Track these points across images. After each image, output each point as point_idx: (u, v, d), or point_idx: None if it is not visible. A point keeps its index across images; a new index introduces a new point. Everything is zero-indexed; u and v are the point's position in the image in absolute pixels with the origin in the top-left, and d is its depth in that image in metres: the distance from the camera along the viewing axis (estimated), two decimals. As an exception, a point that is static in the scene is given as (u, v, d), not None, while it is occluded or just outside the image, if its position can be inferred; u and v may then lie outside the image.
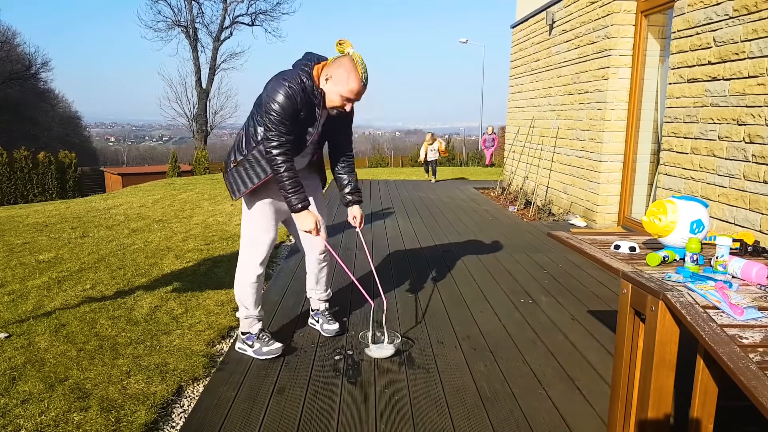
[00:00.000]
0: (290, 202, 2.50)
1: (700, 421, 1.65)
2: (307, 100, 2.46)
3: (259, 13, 27.53)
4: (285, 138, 2.43)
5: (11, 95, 34.76)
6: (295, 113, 2.43)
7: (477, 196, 9.09)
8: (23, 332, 3.05)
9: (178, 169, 20.25)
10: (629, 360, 1.90)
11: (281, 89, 2.38)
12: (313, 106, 2.51)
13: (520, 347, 2.93)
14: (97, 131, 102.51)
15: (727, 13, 3.93)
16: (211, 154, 25.61)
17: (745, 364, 1.19)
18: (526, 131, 8.67)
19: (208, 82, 26.92)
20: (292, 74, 2.44)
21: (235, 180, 2.62)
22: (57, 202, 9.76)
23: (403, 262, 4.66)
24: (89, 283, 3.99)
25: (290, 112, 2.40)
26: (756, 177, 3.64)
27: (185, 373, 2.60)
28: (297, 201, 2.49)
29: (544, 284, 4.06)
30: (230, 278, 4.13)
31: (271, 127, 2.41)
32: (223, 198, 8.81)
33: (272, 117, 2.39)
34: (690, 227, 1.92)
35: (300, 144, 2.58)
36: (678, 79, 4.53)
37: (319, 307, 3.10)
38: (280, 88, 2.38)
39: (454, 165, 23.15)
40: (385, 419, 2.21)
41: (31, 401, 2.31)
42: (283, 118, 2.39)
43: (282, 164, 2.44)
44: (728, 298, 1.54)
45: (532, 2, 8.42)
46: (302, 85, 2.42)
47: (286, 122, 2.40)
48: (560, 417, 2.24)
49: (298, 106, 2.43)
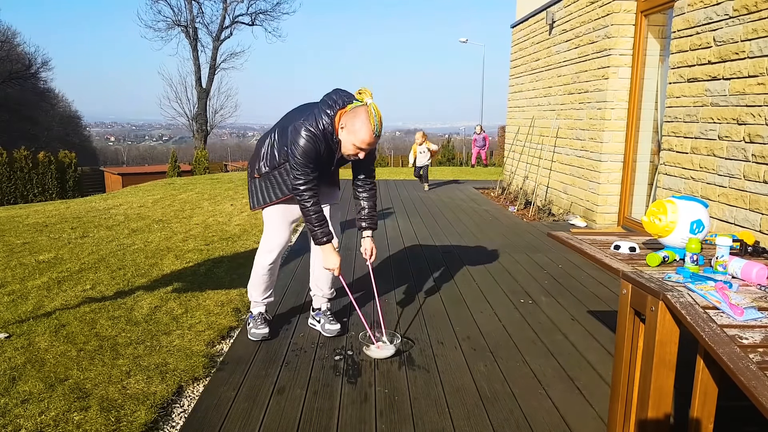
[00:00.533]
0: (316, 235, 2.69)
1: (700, 422, 1.65)
2: (327, 144, 2.63)
3: (259, 13, 27.53)
4: (311, 176, 2.62)
5: (11, 95, 34.77)
6: (317, 155, 2.62)
7: (477, 196, 9.09)
8: (23, 332, 3.05)
9: (178, 168, 20.26)
10: (629, 360, 1.90)
11: (305, 135, 2.55)
12: (332, 150, 2.68)
13: (520, 347, 2.93)
14: (97, 131, 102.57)
15: (727, 13, 3.93)
16: (211, 153, 25.65)
17: (745, 365, 1.19)
18: (526, 131, 8.67)
19: (208, 82, 26.91)
20: (315, 118, 2.59)
21: (257, 193, 2.87)
22: (57, 202, 9.76)
23: (403, 262, 4.66)
24: (89, 284, 3.99)
25: (313, 156, 2.59)
26: (756, 177, 3.64)
27: (185, 373, 2.60)
28: (322, 235, 2.68)
29: (544, 284, 4.06)
30: (230, 278, 4.14)
31: (297, 168, 2.60)
32: (223, 198, 8.82)
33: (297, 160, 2.58)
34: (690, 227, 1.92)
35: (321, 177, 2.76)
36: (678, 78, 4.53)
37: (321, 307, 3.12)
38: (303, 134, 2.55)
39: (454, 165, 23.14)
40: (385, 419, 2.21)
41: (31, 401, 2.31)
42: (307, 161, 2.58)
43: (309, 200, 2.63)
44: (728, 299, 1.54)
45: (532, 2, 8.42)
46: (323, 131, 2.59)
47: (309, 164, 2.60)
48: (560, 417, 2.24)
49: (320, 149, 2.61)
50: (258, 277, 2.99)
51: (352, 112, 2.54)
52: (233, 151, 51.05)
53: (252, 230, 5.96)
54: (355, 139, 2.53)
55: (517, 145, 9.07)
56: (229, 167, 26.48)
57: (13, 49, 35.56)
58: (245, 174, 14.24)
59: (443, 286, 3.98)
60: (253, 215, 6.96)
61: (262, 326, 2.97)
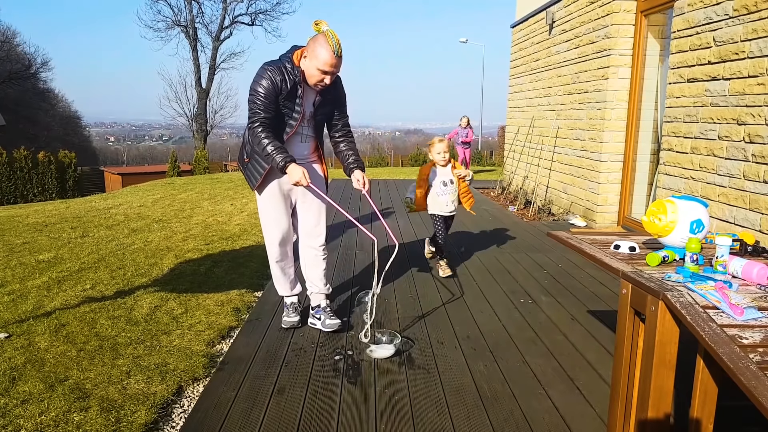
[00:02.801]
0: (275, 161, 2.68)
1: (700, 421, 1.65)
2: (288, 80, 2.68)
3: (258, 13, 27.56)
4: (264, 115, 2.68)
5: (11, 95, 34.75)
6: (275, 93, 2.67)
7: (477, 196, 9.09)
8: (23, 332, 3.05)
9: (177, 168, 20.23)
10: (629, 360, 1.90)
11: (260, 72, 2.67)
12: (295, 85, 2.71)
13: (520, 347, 2.93)
14: (97, 131, 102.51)
15: (727, 13, 3.93)
16: (210, 153, 25.62)
17: (745, 364, 1.19)
18: (526, 131, 8.67)
19: (208, 82, 26.92)
20: (273, 61, 2.72)
21: (250, 175, 2.94)
22: (57, 202, 9.76)
23: (403, 262, 4.66)
24: (89, 283, 3.99)
25: (270, 92, 2.65)
26: (756, 177, 3.64)
27: (185, 373, 2.60)
28: (281, 159, 2.67)
29: (544, 284, 4.06)
30: (230, 278, 4.14)
31: (252, 108, 2.68)
32: (223, 198, 8.81)
33: (253, 97, 2.67)
34: (690, 227, 1.92)
35: (289, 120, 2.81)
36: (678, 78, 4.53)
37: (320, 303, 3.13)
38: (259, 71, 2.67)
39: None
40: (385, 419, 2.21)
41: (31, 401, 2.31)
42: (264, 97, 2.65)
43: (261, 133, 2.68)
44: (728, 298, 1.54)
45: (532, 2, 8.42)
46: (282, 67, 2.67)
47: (266, 101, 2.66)
48: (560, 417, 2.24)
49: (278, 85, 2.66)
50: (274, 275, 3.14)
51: (312, 40, 2.63)
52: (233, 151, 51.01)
53: (252, 230, 5.96)
54: (318, 63, 2.60)
55: (517, 145, 9.07)
56: (229, 167, 26.47)
57: (13, 49, 35.54)
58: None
59: (443, 286, 3.98)
60: (252, 215, 6.96)
61: (293, 314, 3.12)
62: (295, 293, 3.23)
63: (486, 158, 22.47)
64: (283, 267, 3.13)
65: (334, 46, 2.57)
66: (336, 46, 2.57)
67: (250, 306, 3.57)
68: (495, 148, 22.42)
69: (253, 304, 3.60)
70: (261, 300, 3.66)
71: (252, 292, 3.84)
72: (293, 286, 3.22)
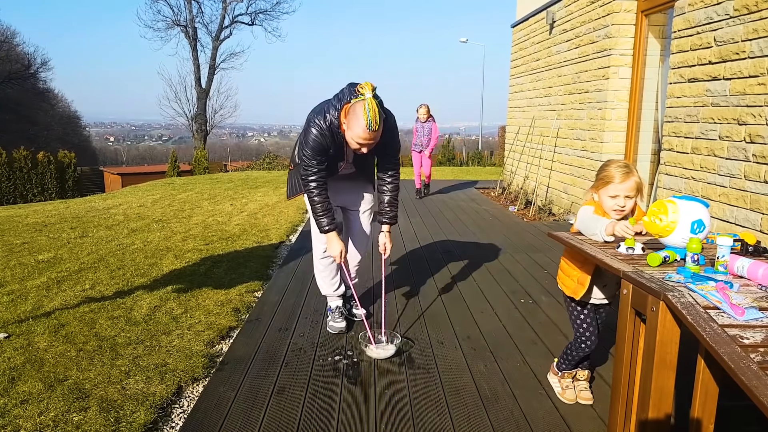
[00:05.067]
0: (320, 224, 2.78)
1: (701, 422, 1.65)
2: (333, 139, 2.68)
3: (258, 13, 27.52)
4: (317, 169, 2.71)
5: (11, 95, 34.74)
6: (325, 150, 2.69)
7: (477, 196, 9.08)
8: (23, 332, 3.05)
9: (177, 168, 20.21)
10: (630, 360, 1.89)
11: (312, 132, 2.64)
12: (340, 145, 2.73)
13: (520, 347, 2.92)
14: (97, 131, 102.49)
15: (728, 13, 3.92)
16: (210, 153, 25.63)
17: (745, 364, 1.19)
18: (526, 131, 8.66)
19: (208, 82, 26.90)
20: (324, 113, 2.64)
21: (291, 182, 3.02)
22: (56, 202, 9.76)
23: (403, 262, 4.66)
24: (88, 283, 3.99)
25: (320, 150, 2.67)
26: (756, 177, 3.64)
27: (185, 373, 2.59)
28: (326, 223, 2.77)
29: (544, 284, 4.06)
30: (230, 278, 4.13)
31: (305, 161, 2.71)
32: (223, 198, 8.81)
33: (305, 153, 2.69)
34: (691, 227, 1.91)
35: (332, 170, 2.84)
36: (678, 78, 4.53)
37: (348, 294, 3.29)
38: (312, 131, 2.64)
39: (454, 165, 23.14)
40: (385, 419, 2.21)
41: (30, 401, 2.31)
42: (313, 155, 2.67)
43: (314, 190, 2.73)
44: (729, 299, 1.53)
45: (532, 2, 8.41)
46: (329, 126, 2.64)
47: (317, 158, 2.69)
48: (560, 417, 2.24)
49: (327, 144, 2.67)
50: (317, 271, 3.15)
51: (351, 108, 2.55)
52: (233, 151, 51.04)
53: (251, 230, 5.95)
54: (353, 135, 2.55)
55: (518, 145, 9.07)
56: (229, 167, 26.44)
57: (13, 49, 35.53)
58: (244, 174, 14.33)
59: (443, 286, 3.98)
60: (252, 215, 6.95)
61: (339, 320, 3.11)
62: (337, 292, 3.19)
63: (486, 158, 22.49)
64: (328, 271, 3.13)
65: (368, 122, 2.45)
66: (371, 120, 2.45)
67: (250, 306, 3.56)
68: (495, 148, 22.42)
69: (252, 305, 3.59)
70: (261, 300, 3.66)
71: (252, 292, 3.84)
72: (334, 284, 3.17)
